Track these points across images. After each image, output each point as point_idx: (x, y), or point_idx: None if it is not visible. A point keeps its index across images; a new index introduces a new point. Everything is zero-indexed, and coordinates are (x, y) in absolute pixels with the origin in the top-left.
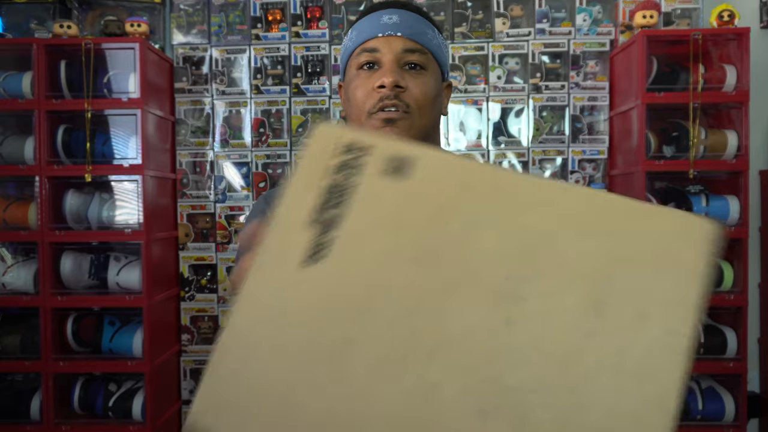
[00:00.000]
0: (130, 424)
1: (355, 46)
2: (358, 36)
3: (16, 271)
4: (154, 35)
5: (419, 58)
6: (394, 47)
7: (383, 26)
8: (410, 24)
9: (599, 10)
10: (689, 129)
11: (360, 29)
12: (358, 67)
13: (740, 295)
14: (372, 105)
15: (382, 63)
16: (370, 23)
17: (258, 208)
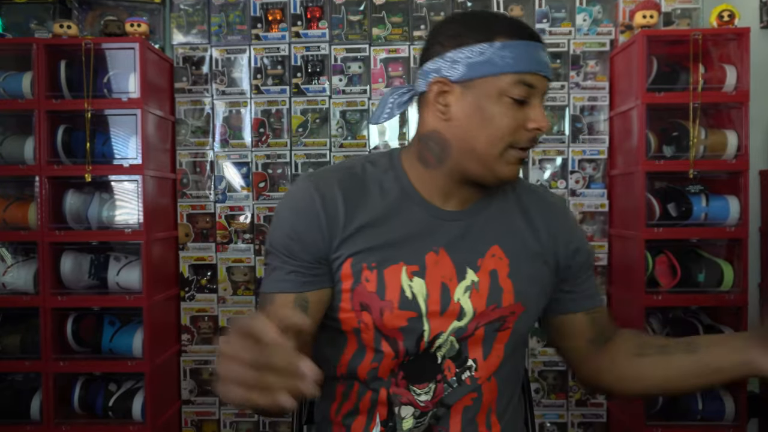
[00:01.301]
0: (130, 424)
1: (510, 70)
2: (516, 62)
3: (16, 271)
4: (154, 35)
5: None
6: (543, 89)
7: (541, 64)
8: (550, 66)
9: (599, 10)
10: (689, 129)
11: (518, 54)
12: (508, 95)
13: (740, 295)
14: (518, 140)
15: (531, 102)
16: (528, 54)
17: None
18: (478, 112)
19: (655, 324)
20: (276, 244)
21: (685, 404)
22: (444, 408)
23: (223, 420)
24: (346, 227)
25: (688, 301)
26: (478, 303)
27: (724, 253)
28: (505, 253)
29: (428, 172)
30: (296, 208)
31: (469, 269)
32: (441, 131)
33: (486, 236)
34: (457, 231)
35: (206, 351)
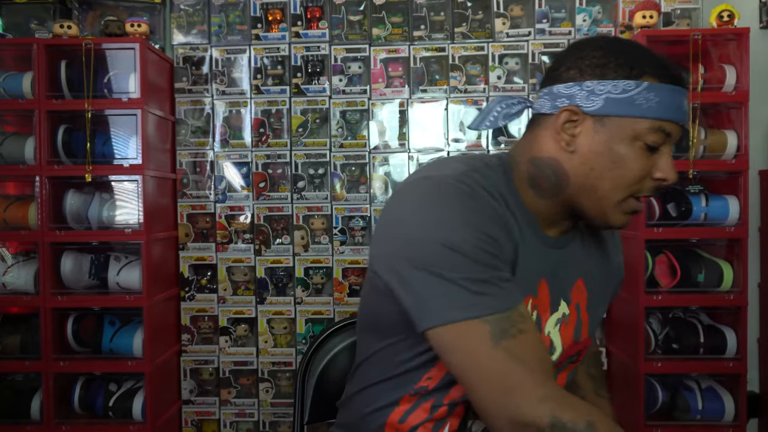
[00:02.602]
0: (130, 424)
1: (652, 116)
2: (659, 108)
3: (16, 271)
4: (154, 35)
5: None
6: (677, 138)
7: (683, 113)
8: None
9: (599, 10)
10: (689, 129)
11: (662, 100)
12: (644, 140)
13: (740, 295)
14: (642, 189)
15: (663, 150)
16: (674, 101)
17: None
18: (608, 152)
19: (654, 324)
20: (465, 250)
21: (684, 404)
22: None
23: (223, 420)
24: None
25: (688, 301)
26: (566, 337)
27: (723, 253)
28: (586, 287)
29: (540, 200)
30: (477, 207)
31: (563, 301)
32: (561, 162)
33: (576, 267)
34: (558, 260)
35: (206, 351)
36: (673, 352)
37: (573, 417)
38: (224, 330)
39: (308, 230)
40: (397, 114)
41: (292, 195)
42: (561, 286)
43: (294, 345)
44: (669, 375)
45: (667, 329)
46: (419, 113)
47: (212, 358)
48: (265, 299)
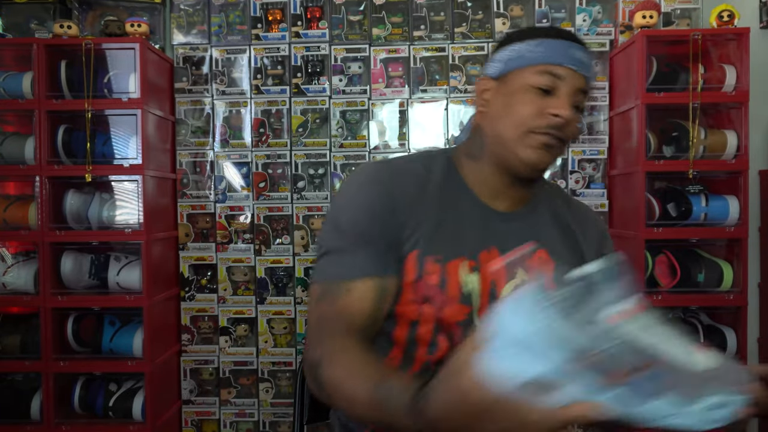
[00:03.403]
0: (130, 424)
1: (540, 61)
2: (546, 54)
3: (16, 271)
4: (154, 35)
5: (583, 101)
6: (575, 83)
7: (573, 59)
8: (590, 67)
9: (599, 10)
10: (689, 129)
11: (549, 48)
12: (534, 85)
13: (740, 295)
14: (538, 125)
15: (559, 93)
16: (560, 48)
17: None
18: (507, 101)
19: None
20: (346, 227)
21: None
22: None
23: (223, 420)
24: (412, 218)
25: (688, 301)
26: None
27: (723, 253)
28: (551, 257)
29: (476, 165)
30: (370, 192)
31: (520, 270)
32: (480, 124)
33: (534, 238)
34: (508, 232)
35: (206, 351)
36: None
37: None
38: (224, 330)
39: (308, 230)
40: (397, 114)
41: (292, 195)
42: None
43: (294, 345)
44: None
45: None
46: (419, 113)
47: (212, 358)
48: (265, 299)
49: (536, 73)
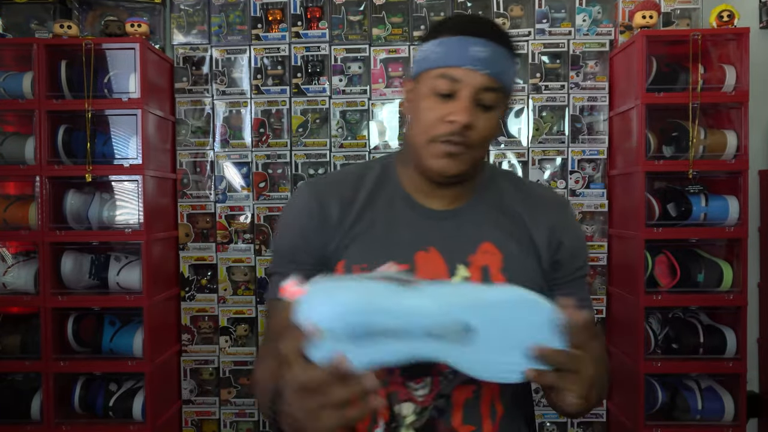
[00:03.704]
0: (130, 424)
1: (438, 65)
2: (444, 56)
3: (16, 271)
4: (155, 35)
5: (493, 99)
6: (475, 83)
7: (471, 58)
8: (496, 60)
9: (599, 10)
10: (689, 129)
11: (447, 49)
12: (434, 90)
13: (740, 295)
14: (439, 133)
15: (459, 96)
16: (460, 49)
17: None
18: (416, 107)
19: (654, 324)
20: (280, 250)
21: (684, 404)
22: (444, 399)
23: (223, 420)
24: (339, 230)
25: (688, 301)
26: None
27: (723, 253)
28: (499, 249)
29: (407, 170)
30: (297, 214)
31: (460, 266)
32: (406, 129)
33: (477, 233)
34: (447, 229)
35: (206, 351)
36: (672, 352)
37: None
38: (224, 330)
39: None
40: (397, 114)
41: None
42: (455, 252)
43: None
44: (669, 375)
45: (667, 329)
46: None
47: (212, 358)
48: (266, 300)
49: (436, 77)
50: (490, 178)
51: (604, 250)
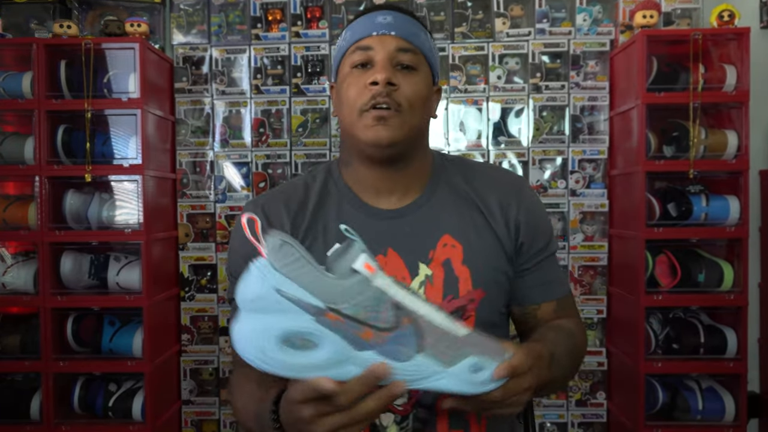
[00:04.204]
0: (130, 424)
1: (349, 44)
2: (353, 35)
3: (16, 271)
4: (154, 35)
5: (411, 59)
6: (388, 46)
7: (378, 25)
8: (404, 25)
9: (599, 10)
10: (689, 129)
11: (354, 29)
12: (352, 66)
13: (740, 295)
14: (364, 102)
15: (375, 61)
16: (365, 23)
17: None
18: (340, 93)
19: (655, 324)
20: (233, 271)
21: (685, 404)
22: (425, 410)
23: (223, 420)
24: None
25: (688, 301)
26: (433, 297)
27: (724, 253)
28: (458, 240)
29: (349, 169)
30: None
31: (421, 264)
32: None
33: (433, 227)
34: (402, 228)
35: (206, 351)
36: (673, 352)
37: (238, 400)
38: (224, 330)
39: None
40: None
41: None
42: (414, 250)
43: None
44: (669, 375)
45: (668, 329)
46: None
47: (212, 358)
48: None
49: (349, 54)
50: (439, 166)
51: (604, 250)
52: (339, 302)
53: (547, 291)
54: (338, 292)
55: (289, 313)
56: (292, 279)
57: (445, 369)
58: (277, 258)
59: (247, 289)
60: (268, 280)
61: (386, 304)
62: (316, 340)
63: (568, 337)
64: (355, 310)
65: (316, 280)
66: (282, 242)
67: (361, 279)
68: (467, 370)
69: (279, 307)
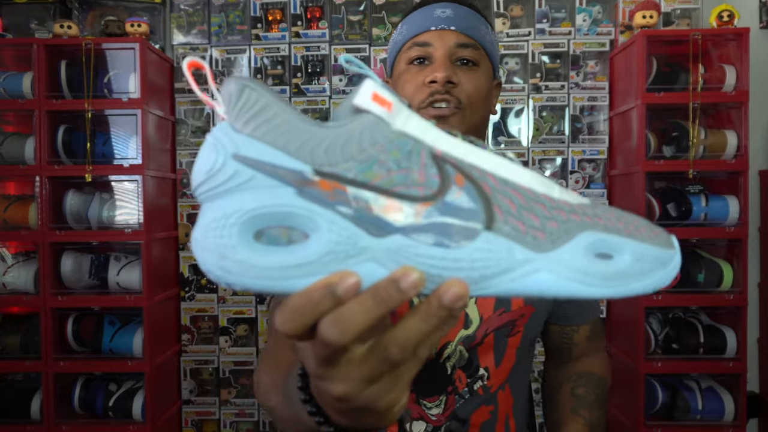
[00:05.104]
0: (130, 424)
1: (406, 39)
2: (409, 29)
3: (16, 271)
4: (155, 35)
5: (472, 54)
6: (447, 41)
7: (436, 20)
8: (464, 18)
9: (599, 10)
10: (689, 129)
11: (411, 23)
12: (409, 62)
13: (740, 295)
14: (421, 100)
15: (434, 58)
16: (422, 16)
17: None
18: (396, 91)
19: (655, 324)
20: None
21: (684, 404)
22: (458, 422)
23: (223, 420)
24: None
25: (688, 301)
26: (484, 308)
27: (723, 253)
28: None
29: None
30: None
31: None
32: None
33: None
34: None
35: (206, 351)
36: (673, 352)
37: (262, 394)
38: (224, 330)
39: None
40: None
41: None
42: None
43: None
44: (669, 375)
45: (667, 329)
46: None
47: (212, 358)
48: (265, 299)
49: (407, 49)
50: None
51: None
52: (338, 162)
53: (584, 311)
54: (335, 146)
55: (259, 189)
56: (258, 138)
57: (539, 254)
58: (237, 112)
59: (198, 167)
60: (225, 146)
61: (421, 157)
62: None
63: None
64: (366, 170)
65: (297, 133)
66: (242, 86)
67: (372, 121)
68: (583, 254)
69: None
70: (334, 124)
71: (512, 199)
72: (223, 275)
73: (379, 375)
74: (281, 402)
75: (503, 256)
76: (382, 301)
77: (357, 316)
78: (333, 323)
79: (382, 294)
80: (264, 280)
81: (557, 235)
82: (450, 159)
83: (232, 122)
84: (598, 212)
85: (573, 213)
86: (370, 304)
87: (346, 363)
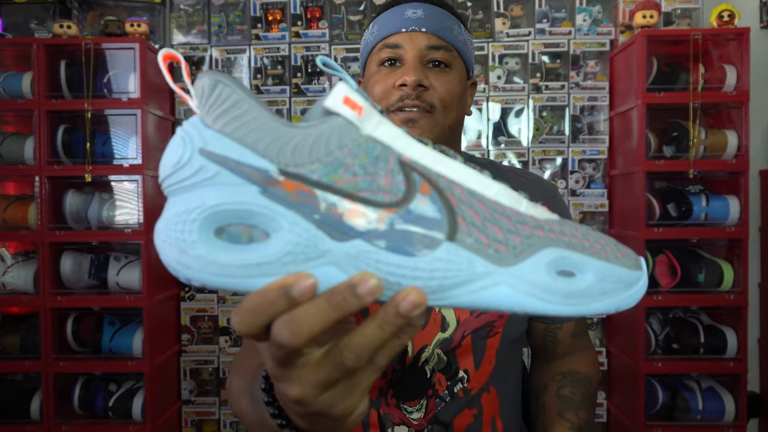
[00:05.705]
0: (130, 424)
1: (377, 40)
2: (380, 30)
3: (16, 271)
4: (154, 35)
5: (444, 56)
6: (418, 43)
7: (407, 21)
8: (435, 19)
9: (599, 10)
10: (689, 129)
11: (382, 23)
12: (379, 63)
13: (740, 295)
14: (391, 103)
15: (404, 60)
16: (393, 17)
17: None
18: (367, 92)
19: (655, 324)
20: None
21: (685, 404)
22: (440, 426)
23: (223, 420)
24: None
25: (688, 301)
26: (461, 311)
27: (724, 253)
28: None
29: None
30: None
31: None
32: None
33: None
34: None
35: (206, 351)
36: (673, 352)
37: (233, 400)
38: (224, 330)
39: None
40: None
41: None
42: None
43: None
44: (669, 375)
45: (668, 329)
46: None
47: (212, 358)
48: None
49: (377, 51)
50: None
51: None
52: (304, 163)
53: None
54: (302, 147)
55: (223, 186)
56: (227, 134)
57: (500, 267)
58: (209, 107)
59: (166, 160)
60: (194, 141)
61: (388, 163)
62: (266, 225)
63: (586, 389)
64: (332, 173)
65: (266, 131)
66: (215, 81)
67: (341, 124)
68: (545, 270)
69: (207, 179)
70: (305, 124)
71: (477, 210)
72: (182, 270)
73: (335, 380)
74: (249, 406)
75: (463, 267)
76: (338, 306)
77: (311, 318)
78: (286, 324)
79: (338, 298)
80: (222, 277)
81: (520, 250)
82: (417, 167)
83: (203, 117)
84: (564, 229)
85: (538, 228)
86: (325, 307)
87: (301, 366)
